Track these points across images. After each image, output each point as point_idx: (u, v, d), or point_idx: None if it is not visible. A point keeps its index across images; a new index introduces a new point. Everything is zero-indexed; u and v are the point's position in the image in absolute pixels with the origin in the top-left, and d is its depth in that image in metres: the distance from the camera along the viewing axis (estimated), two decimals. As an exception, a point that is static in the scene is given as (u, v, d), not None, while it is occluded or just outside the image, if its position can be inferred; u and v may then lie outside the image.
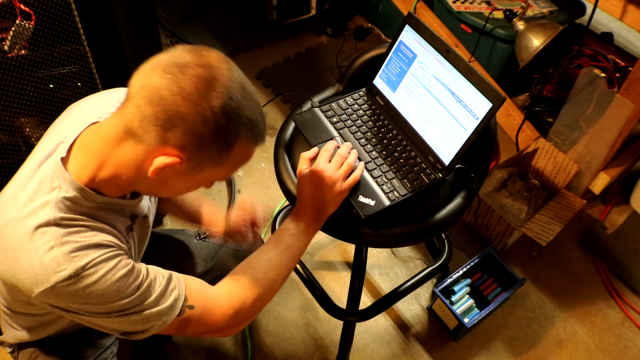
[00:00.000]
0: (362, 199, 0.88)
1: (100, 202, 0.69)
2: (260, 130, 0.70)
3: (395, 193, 0.89)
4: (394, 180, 0.91)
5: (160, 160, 0.64)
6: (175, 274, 0.74)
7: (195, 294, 0.75)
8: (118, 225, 0.74)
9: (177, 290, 0.72)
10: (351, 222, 0.89)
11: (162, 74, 0.62)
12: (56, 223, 0.64)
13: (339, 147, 0.93)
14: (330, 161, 0.89)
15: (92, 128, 0.71)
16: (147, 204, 0.84)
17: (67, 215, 0.66)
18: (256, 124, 0.68)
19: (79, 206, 0.67)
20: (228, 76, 0.65)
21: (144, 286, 0.69)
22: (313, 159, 0.92)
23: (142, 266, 0.71)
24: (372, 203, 0.88)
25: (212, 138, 0.64)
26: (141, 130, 0.64)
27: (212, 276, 1.14)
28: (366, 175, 0.92)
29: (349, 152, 0.91)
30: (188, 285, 0.75)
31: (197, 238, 1.17)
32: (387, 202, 0.88)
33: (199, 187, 0.75)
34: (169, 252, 1.12)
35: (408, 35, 0.98)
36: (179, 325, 0.73)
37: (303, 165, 0.90)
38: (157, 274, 0.72)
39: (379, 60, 1.05)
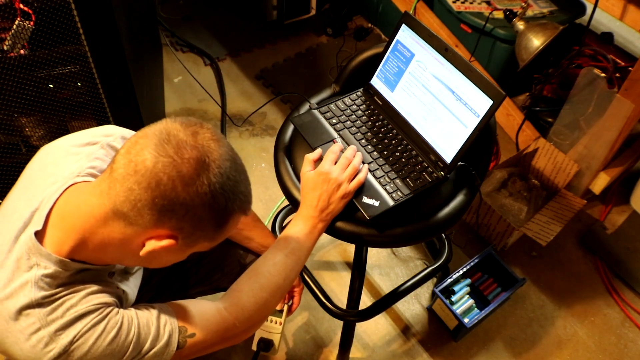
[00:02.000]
0: (366, 200, 0.88)
1: (79, 269, 0.67)
2: (250, 201, 0.70)
3: (399, 193, 0.89)
4: (397, 180, 0.91)
5: (154, 244, 0.63)
6: (163, 309, 0.72)
7: (193, 320, 0.73)
8: (100, 277, 0.71)
9: (169, 324, 0.71)
10: (351, 222, 0.89)
11: (156, 155, 0.59)
12: (38, 304, 0.63)
13: (342, 150, 0.92)
14: (335, 163, 0.89)
15: (72, 196, 0.67)
16: None
17: (47, 292, 0.63)
18: (247, 196, 0.68)
19: (59, 279, 0.65)
20: (221, 154, 0.63)
21: (136, 336, 0.67)
22: (317, 161, 0.91)
23: (132, 312, 0.69)
24: (377, 204, 0.87)
25: (211, 217, 0.64)
26: (134, 214, 0.61)
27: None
28: (369, 176, 0.91)
29: (354, 155, 0.91)
30: (185, 315, 0.73)
31: None
32: (391, 202, 0.88)
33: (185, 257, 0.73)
34: None
35: (405, 35, 0.98)
36: (187, 354, 0.72)
37: (307, 167, 0.90)
38: (148, 315, 0.70)
39: (375, 61, 1.05)
